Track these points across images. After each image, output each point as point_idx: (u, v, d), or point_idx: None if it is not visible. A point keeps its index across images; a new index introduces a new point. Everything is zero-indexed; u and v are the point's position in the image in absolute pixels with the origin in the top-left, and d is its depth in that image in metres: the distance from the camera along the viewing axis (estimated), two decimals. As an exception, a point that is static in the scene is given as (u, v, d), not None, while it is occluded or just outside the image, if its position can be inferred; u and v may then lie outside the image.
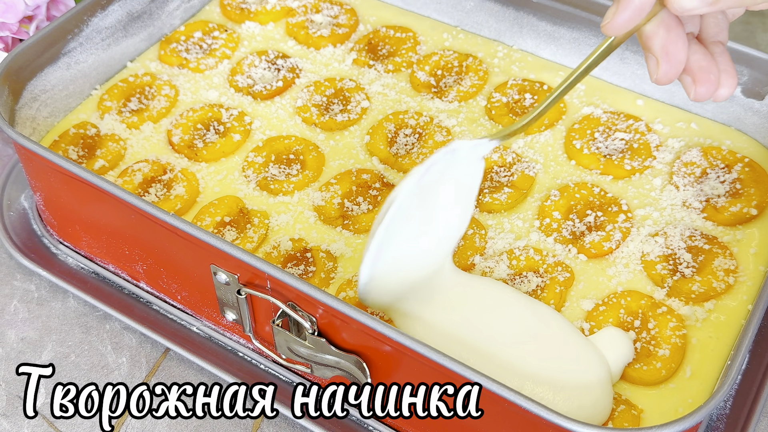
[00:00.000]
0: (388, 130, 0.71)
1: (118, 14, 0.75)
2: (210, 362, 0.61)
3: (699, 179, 0.67)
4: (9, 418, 0.61)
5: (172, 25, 0.80)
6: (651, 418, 0.55)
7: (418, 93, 0.74)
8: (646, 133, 0.70)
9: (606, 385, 0.54)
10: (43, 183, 0.65)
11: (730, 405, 0.58)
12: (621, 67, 0.73)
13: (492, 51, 0.78)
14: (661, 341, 0.57)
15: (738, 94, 0.69)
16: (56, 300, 0.67)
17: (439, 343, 0.52)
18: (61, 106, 0.73)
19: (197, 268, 0.58)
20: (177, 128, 0.72)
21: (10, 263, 0.69)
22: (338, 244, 0.64)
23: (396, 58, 0.77)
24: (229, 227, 0.65)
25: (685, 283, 0.60)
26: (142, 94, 0.75)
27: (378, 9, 0.82)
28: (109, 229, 0.63)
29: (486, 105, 0.73)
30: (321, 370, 0.55)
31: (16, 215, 0.71)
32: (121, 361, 0.63)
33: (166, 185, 0.68)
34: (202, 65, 0.77)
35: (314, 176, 0.68)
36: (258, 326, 0.58)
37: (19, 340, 0.65)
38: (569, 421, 0.46)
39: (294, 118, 0.73)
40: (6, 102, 0.67)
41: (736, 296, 0.60)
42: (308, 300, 0.52)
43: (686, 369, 0.57)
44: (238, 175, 0.69)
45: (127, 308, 0.65)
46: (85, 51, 0.74)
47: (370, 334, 0.51)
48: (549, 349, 0.55)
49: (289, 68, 0.76)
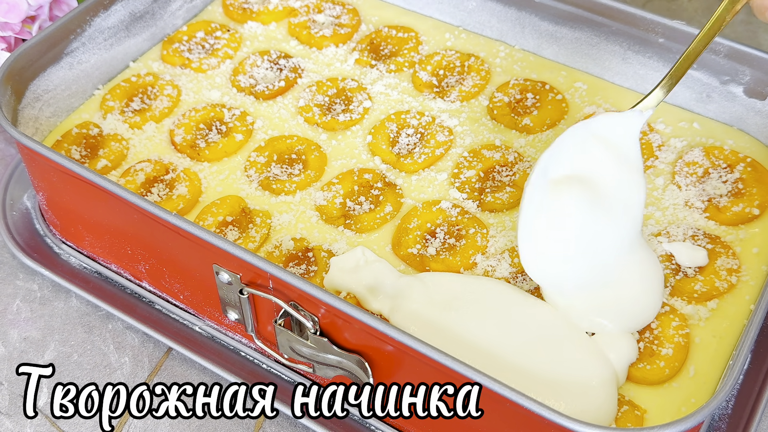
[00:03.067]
0: (390, 130, 0.71)
1: (120, 14, 0.75)
2: (212, 362, 0.61)
3: (701, 179, 0.67)
4: (12, 417, 0.61)
5: (174, 25, 0.80)
6: (654, 419, 0.55)
7: (420, 93, 0.74)
8: (648, 132, 0.70)
9: (609, 385, 0.54)
10: (46, 183, 0.65)
11: (732, 405, 0.58)
12: (623, 67, 0.73)
13: (494, 51, 0.78)
14: (664, 340, 0.57)
15: (740, 94, 0.69)
16: (59, 299, 0.67)
17: (441, 343, 0.52)
18: (63, 105, 0.73)
19: (200, 267, 0.58)
20: (179, 128, 0.72)
21: (12, 263, 0.70)
22: (340, 243, 0.64)
23: (398, 58, 0.77)
24: (231, 227, 0.65)
25: (687, 282, 0.60)
26: (144, 94, 0.75)
27: (380, 9, 0.82)
28: (112, 229, 0.63)
29: (488, 105, 0.73)
30: (323, 370, 0.55)
31: (18, 215, 0.71)
32: (124, 361, 0.64)
33: (168, 185, 0.68)
34: (205, 65, 0.77)
35: (316, 176, 0.68)
36: (260, 326, 0.58)
37: (22, 340, 0.65)
38: (571, 420, 0.46)
39: (296, 117, 0.73)
40: (9, 102, 0.67)
41: (739, 296, 0.60)
42: (310, 300, 0.52)
43: (689, 368, 0.57)
44: (241, 174, 0.69)
45: (130, 308, 0.65)
46: (88, 51, 0.74)
47: (372, 334, 0.51)
48: (551, 350, 0.55)
49: (292, 68, 0.76)
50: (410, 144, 0.70)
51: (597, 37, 0.74)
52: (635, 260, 0.58)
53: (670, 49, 0.71)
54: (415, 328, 0.56)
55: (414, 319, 0.57)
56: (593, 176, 0.56)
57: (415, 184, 0.68)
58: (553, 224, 0.56)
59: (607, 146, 0.57)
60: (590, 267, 0.57)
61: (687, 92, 0.71)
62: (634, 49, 0.72)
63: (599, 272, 0.57)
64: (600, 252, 0.57)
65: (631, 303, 0.57)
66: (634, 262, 0.58)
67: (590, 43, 0.74)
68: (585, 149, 0.57)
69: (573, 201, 0.56)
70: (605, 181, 0.57)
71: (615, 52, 0.73)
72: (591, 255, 0.57)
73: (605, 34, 0.73)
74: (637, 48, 0.72)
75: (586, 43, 0.75)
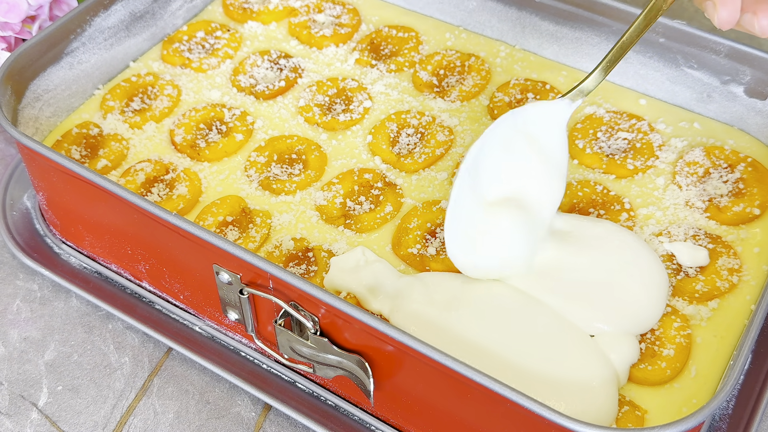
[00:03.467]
0: (390, 129, 0.71)
1: (120, 14, 0.75)
2: (212, 362, 0.61)
3: (702, 179, 0.67)
4: (12, 417, 0.61)
5: (174, 25, 0.80)
6: (655, 419, 0.55)
7: (421, 93, 0.74)
8: (649, 132, 0.70)
9: (610, 386, 0.54)
10: (46, 183, 0.65)
11: (733, 405, 0.58)
12: (624, 66, 0.73)
13: (494, 51, 0.78)
14: (666, 341, 0.57)
15: (741, 94, 0.69)
16: (59, 300, 0.67)
17: (441, 343, 0.52)
18: (63, 105, 0.73)
19: (200, 267, 0.58)
20: (179, 128, 0.72)
21: (12, 263, 0.70)
22: (340, 243, 0.64)
23: (398, 57, 0.77)
24: (231, 227, 0.65)
25: (689, 282, 0.60)
26: (144, 94, 0.75)
27: (380, 9, 0.82)
28: (112, 229, 0.63)
29: (488, 105, 0.73)
30: (323, 370, 0.55)
31: (18, 215, 0.71)
32: (124, 361, 0.64)
33: (168, 185, 0.68)
34: (205, 65, 0.77)
35: (316, 176, 0.68)
36: (260, 326, 0.58)
37: (22, 340, 0.65)
38: (572, 421, 0.46)
39: (296, 117, 0.73)
40: (9, 102, 0.67)
41: (740, 295, 0.60)
42: (311, 300, 0.52)
43: (691, 369, 0.57)
44: (241, 174, 0.69)
45: (130, 308, 0.65)
46: (88, 51, 0.74)
47: (373, 334, 0.51)
48: (552, 350, 0.55)
49: (292, 68, 0.76)
50: (410, 144, 0.70)
51: (598, 37, 0.74)
52: (635, 264, 0.58)
53: (671, 48, 0.71)
54: (415, 328, 0.56)
55: (414, 319, 0.57)
56: (523, 192, 0.58)
57: (416, 183, 0.68)
58: (485, 238, 0.57)
59: (531, 143, 0.58)
60: (509, 259, 0.58)
61: (687, 92, 0.71)
62: (634, 49, 0.72)
63: (512, 263, 0.59)
64: (521, 247, 0.58)
65: (632, 308, 0.57)
66: (632, 265, 0.58)
67: (591, 43, 0.74)
68: (510, 147, 0.57)
69: (509, 224, 0.57)
70: (532, 192, 0.58)
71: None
72: (513, 253, 0.58)
73: (606, 34, 0.73)
74: (638, 48, 0.72)
75: (587, 43, 0.75)
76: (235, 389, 0.62)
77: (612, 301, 0.57)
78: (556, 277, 0.58)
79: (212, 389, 0.62)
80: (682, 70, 0.71)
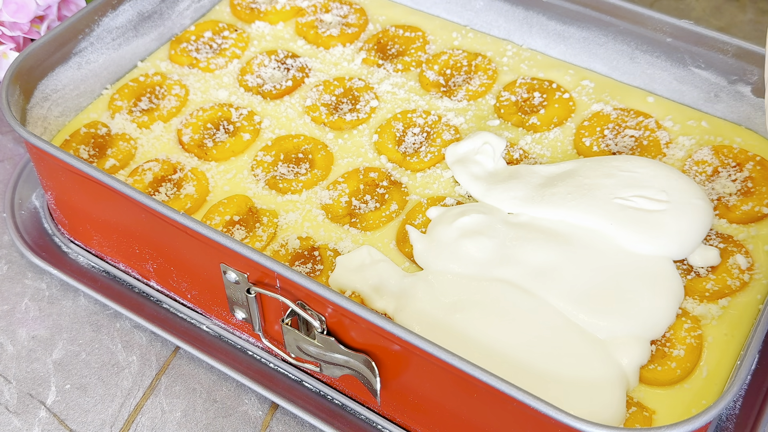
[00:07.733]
0: (396, 129, 0.71)
1: (128, 14, 0.75)
2: (219, 361, 0.62)
3: (710, 177, 0.66)
4: (20, 415, 0.61)
5: (182, 25, 0.80)
6: (663, 420, 0.54)
7: (427, 92, 0.74)
8: (656, 130, 0.70)
9: (618, 387, 0.54)
10: (54, 182, 0.65)
11: (740, 405, 0.58)
12: (631, 66, 0.73)
13: (501, 50, 0.78)
14: (676, 342, 0.57)
15: (748, 94, 0.69)
16: (67, 298, 0.68)
17: (446, 342, 0.52)
18: (72, 105, 0.73)
19: (207, 266, 0.58)
20: (187, 128, 0.72)
21: (21, 262, 0.70)
22: (345, 242, 0.64)
23: (405, 57, 0.77)
24: (238, 226, 0.65)
25: (699, 282, 0.60)
26: (152, 94, 0.75)
27: (387, 8, 0.82)
28: (120, 228, 0.63)
29: (495, 104, 0.73)
30: (330, 369, 0.55)
31: (27, 214, 0.72)
32: (131, 360, 0.64)
33: (176, 184, 0.68)
34: (212, 65, 0.77)
35: (323, 175, 0.68)
36: (267, 325, 0.58)
37: (30, 339, 0.65)
38: (579, 420, 0.46)
39: (303, 117, 0.73)
40: (17, 101, 0.67)
41: (751, 294, 0.59)
42: (318, 299, 0.52)
43: (702, 369, 0.56)
44: (248, 174, 0.69)
45: (138, 307, 0.65)
46: (96, 51, 0.74)
47: (380, 333, 0.51)
48: (558, 350, 0.55)
49: (299, 68, 0.76)
50: (416, 143, 0.70)
51: (605, 36, 0.74)
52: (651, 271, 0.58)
53: (678, 48, 0.70)
54: (419, 327, 0.56)
55: (419, 318, 0.57)
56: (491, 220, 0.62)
57: (420, 181, 0.68)
58: (455, 257, 0.60)
59: None
60: None
61: (695, 92, 0.71)
62: (641, 49, 0.72)
63: None
64: None
65: (643, 314, 0.56)
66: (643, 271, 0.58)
67: (598, 43, 0.74)
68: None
69: (477, 251, 0.60)
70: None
71: (623, 52, 0.73)
72: None
73: (613, 34, 0.73)
74: (645, 47, 0.72)
75: (594, 43, 0.74)
76: (243, 388, 0.62)
77: (624, 306, 0.56)
78: (565, 280, 0.58)
79: (219, 388, 0.62)
80: (689, 69, 0.71)
